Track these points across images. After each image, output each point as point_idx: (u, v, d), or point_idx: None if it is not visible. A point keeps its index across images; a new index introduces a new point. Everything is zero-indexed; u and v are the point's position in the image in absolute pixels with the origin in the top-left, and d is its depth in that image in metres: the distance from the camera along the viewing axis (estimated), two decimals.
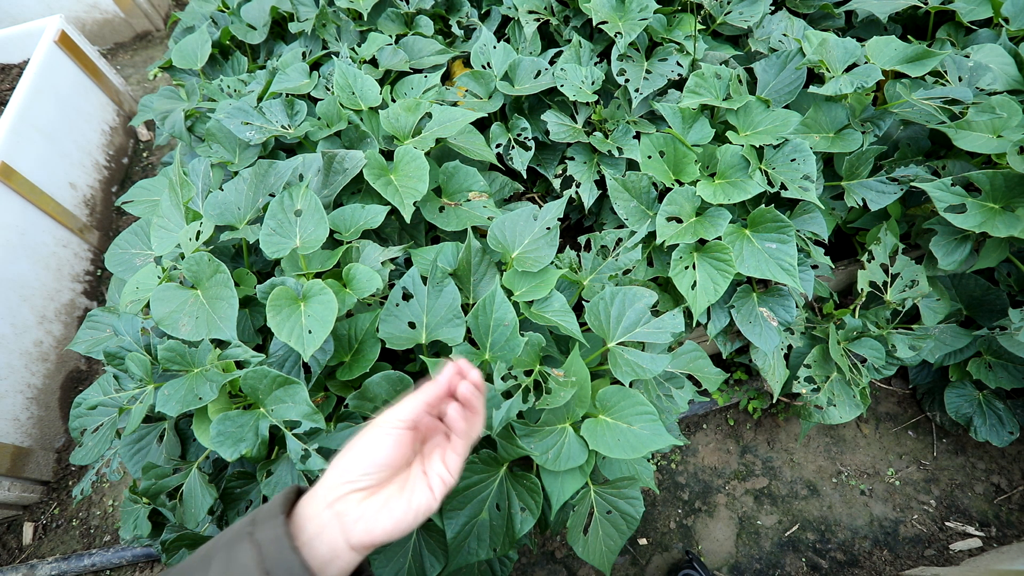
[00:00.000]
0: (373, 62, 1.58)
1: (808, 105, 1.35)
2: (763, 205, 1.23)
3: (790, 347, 1.42)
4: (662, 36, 1.49)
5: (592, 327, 1.06)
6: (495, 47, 1.55)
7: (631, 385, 1.05)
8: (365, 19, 1.69)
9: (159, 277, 1.07)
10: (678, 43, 1.47)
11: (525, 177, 1.55)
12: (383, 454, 0.54)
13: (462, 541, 0.98)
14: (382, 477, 0.54)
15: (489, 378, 0.98)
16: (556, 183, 1.48)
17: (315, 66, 1.61)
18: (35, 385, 1.91)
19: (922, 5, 1.45)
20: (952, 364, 1.55)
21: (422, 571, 1.02)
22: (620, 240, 1.20)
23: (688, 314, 1.27)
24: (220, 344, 0.98)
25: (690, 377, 1.20)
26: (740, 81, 1.38)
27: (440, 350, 1.08)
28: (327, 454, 0.99)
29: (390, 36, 1.63)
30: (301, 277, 1.04)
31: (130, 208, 1.43)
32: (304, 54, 1.65)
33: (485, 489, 1.00)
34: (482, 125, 1.53)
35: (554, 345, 1.16)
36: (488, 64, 1.54)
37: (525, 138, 1.47)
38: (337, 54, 1.60)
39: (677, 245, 1.21)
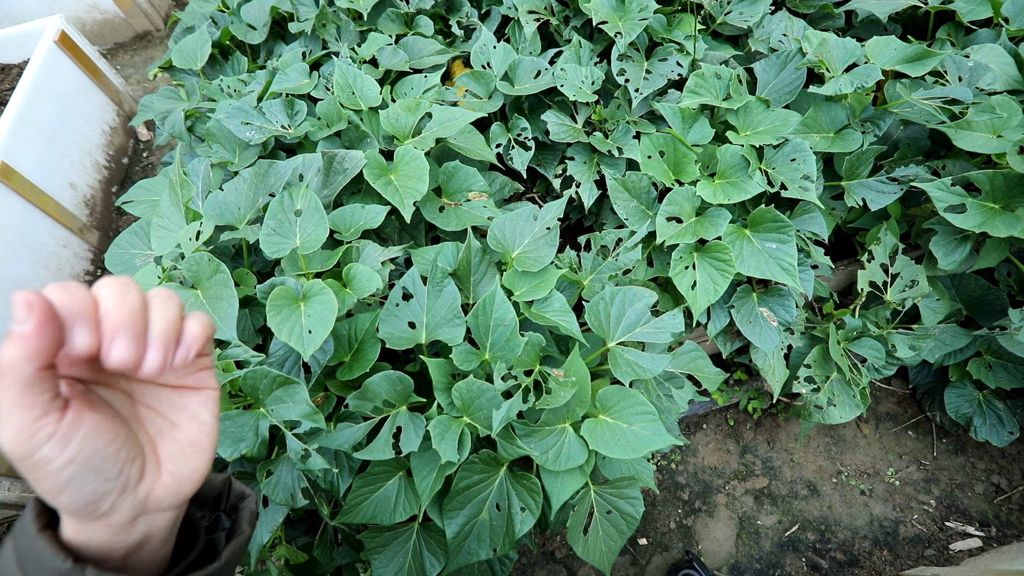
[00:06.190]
0: (373, 62, 1.58)
1: (808, 105, 1.35)
2: (763, 205, 1.22)
3: (790, 347, 1.42)
4: (662, 36, 1.49)
5: (592, 327, 1.06)
6: (495, 47, 1.55)
7: (631, 385, 1.05)
8: (365, 19, 1.69)
9: (159, 277, 1.07)
10: (678, 43, 1.47)
11: (525, 177, 1.55)
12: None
13: (462, 541, 0.98)
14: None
15: (489, 378, 0.98)
16: (556, 183, 1.48)
17: (315, 66, 1.61)
18: None
19: (922, 5, 1.45)
20: (952, 364, 1.55)
21: (422, 571, 1.02)
22: (620, 240, 1.20)
23: (688, 314, 1.27)
24: (220, 344, 0.98)
25: (690, 377, 1.20)
26: (740, 81, 1.38)
27: (440, 350, 1.08)
28: (327, 454, 1.00)
29: (390, 36, 1.63)
30: (301, 277, 1.04)
31: (130, 208, 1.43)
32: (304, 54, 1.65)
33: (485, 489, 1.00)
34: (482, 125, 1.53)
35: (554, 345, 1.16)
36: (488, 64, 1.54)
37: (525, 138, 1.47)
38: (337, 54, 1.60)
39: (677, 245, 1.21)
